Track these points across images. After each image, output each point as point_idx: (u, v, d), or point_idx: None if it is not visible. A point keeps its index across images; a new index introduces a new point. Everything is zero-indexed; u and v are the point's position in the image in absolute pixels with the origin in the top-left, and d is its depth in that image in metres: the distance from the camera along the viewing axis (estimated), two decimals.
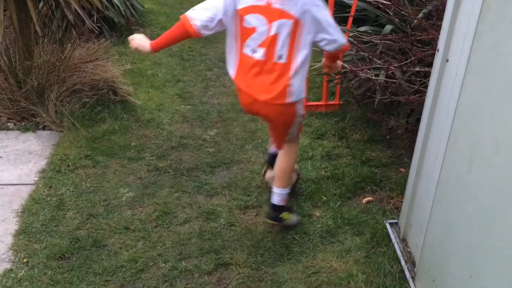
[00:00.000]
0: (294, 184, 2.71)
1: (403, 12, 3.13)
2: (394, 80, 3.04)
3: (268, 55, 2.13)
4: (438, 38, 2.08)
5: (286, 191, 2.49)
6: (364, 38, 3.25)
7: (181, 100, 4.09)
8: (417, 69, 2.90)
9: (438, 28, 2.80)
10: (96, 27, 3.78)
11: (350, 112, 3.79)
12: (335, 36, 2.13)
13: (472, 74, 1.74)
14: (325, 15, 2.10)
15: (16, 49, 3.40)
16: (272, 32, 2.09)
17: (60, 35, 3.66)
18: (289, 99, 2.19)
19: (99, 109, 3.64)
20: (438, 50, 2.03)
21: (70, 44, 3.66)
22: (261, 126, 3.68)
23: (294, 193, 2.76)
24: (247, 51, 2.17)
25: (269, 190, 2.65)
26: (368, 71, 3.13)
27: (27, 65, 3.35)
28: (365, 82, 3.30)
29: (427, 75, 2.92)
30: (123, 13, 4.97)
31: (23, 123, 3.42)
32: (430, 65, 2.75)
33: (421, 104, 2.84)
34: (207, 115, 3.85)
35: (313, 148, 3.36)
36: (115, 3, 4.86)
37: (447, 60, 1.95)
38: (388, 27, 3.36)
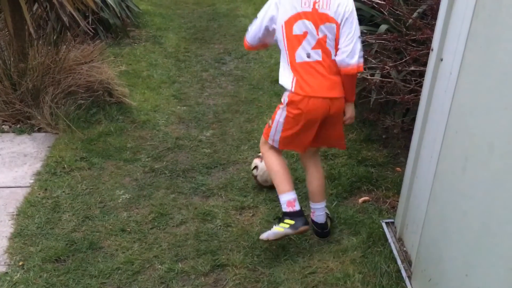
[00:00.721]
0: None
1: (398, 12, 3.13)
2: (389, 80, 3.05)
3: (324, 55, 2.20)
4: (432, 37, 2.08)
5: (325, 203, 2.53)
6: None
7: (177, 101, 4.08)
8: (412, 68, 2.91)
9: (433, 27, 2.81)
10: (91, 29, 3.77)
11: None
12: (357, 48, 2.20)
13: (466, 73, 1.75)
14: (356, 22, 2.21)
15: (11, 51, 3.39)
16: (321, 35, 2.18)
17: (54, 37, 3.65)
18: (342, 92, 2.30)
19: (94, 110, 3.63)
20: (432, 50, 2.03)
21: (65, 46, 3.65)
22: (257, 126, 3.68)
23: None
24: (301, 58, 2.20)
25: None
26: (364, 71, 3.13)
27: (22, 67, 3.34)
28: (360, 82, 3.30)
29: (422, 74, 2.92)
30: (118, 15, 4.96)
31: (18, 126, 3.41)
32: (425, 64, 2.75)
33: (416, 103, 2.84)
34: (203, 116, 3.84)
35: None
36: (110, 4, 4.85)
37: (442, 59, 1.95)
38: (383, 27, 3.36)
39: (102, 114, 3.62)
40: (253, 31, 2.34)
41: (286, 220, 2.34)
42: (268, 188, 2.87)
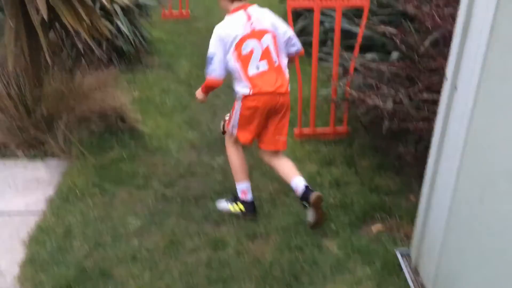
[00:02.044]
0: None
1: (409, 40, 3.15)
2: (401, 108, 3.03)
3: (270, 64, 2.72)
4: (446, 65, 2.08)
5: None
6: (370, 65, 3.25)
7: (189, 127, 4.10)
8: (425, 96, 2.90)
9: (445, 56, 2.81)
10: (105, 56, 3.83)
11: (358, 138, 3.78)
12: (296, 41, 2.84)
13: (482, 103, 1.74)
14: (284, 26, 2.80)
15: (26, 77, 3.44)
16: (266, 43, 2.70)
17: (69, 64, 3.71)
18: (289, 89, 2.80)
19: (107, 137, 3.66)
20: (446, 79, 2.03)
21: (79, 73, 3.70)
22: None
23: None
24: (254, 66, 2.69)
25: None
26: (376, 98, 3.13)
27: (37, 93, 3.39)
28: (372, 109, 3.30)
29: (435, 102, 2.91)
30: (132, 42, 5.04)
31: (32, 152, 3.44)
32: (438, 92, 2.74)
33: (429, 131, 2.82)
34: (214, 142, 3.84)
35: (321, 175, 3.34)
36: (124, 31, 4.93)
37: (456, 89, 1.94)
38: (395, 54, 3.37)
39: (115, 140, 3.64)
40: (217, 68, 2.69)
41: (240, 205, 2.90)
42: None
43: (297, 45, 2.85)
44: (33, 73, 3.41)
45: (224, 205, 2.94)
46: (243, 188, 2.91)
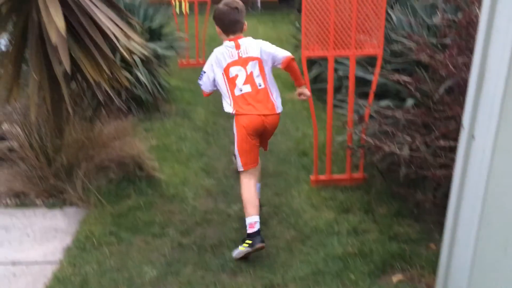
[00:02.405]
0: None
1: (423, 87, 3.18)
2: (418, 154, 3.03)
3: (253, 87, 3.06)
4: (461, 113, 2.08)
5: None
6: (386, 112, 3.27)
7: (205, 174, 4.12)
8: (442, 143, 2.89)
9: (461, 103, 2.82)
10: (124, 105, 3.92)
11: (375, 185, 3.75)
12: (279, 53, 3.14)
13: (500, 151, 1.73)
14: (270, 46, 3.17)
15: (48, 128, 3.53)
16: (251, 69, 3.07)
17: (90, 114, 3.81)
18: (278, 110, 3.14)
19: (125, 185, 3.70)
20: (463, 127, 2.03)
21: (99, 122, 3.79)
22: (285, 200, 3.66)
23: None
24: (240, 89, 3.06)
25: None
26: (392, 145, 3.13)
27: (58, 143, 3.47)
28: (388, 156, 3.29)
29: (452, 149, 2.90)
30: (150, 91, 5.16)
31: (50, 200, 3.48)
32: (455, 139, 2.73)
33: (448, 177, 2.80)
34: (231, 190, 3.85)
35: (338, 223, 3.30)
36: (143, 81, 5.06)
37: (473, 137, 1.94)
38: (410, 102, 3.39)
39: (132, 188, 3.67)
40: (206, 84, 3.20)
41: (247, 241, 2.90)
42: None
43: (282, 54, 3.15)
44: (54, 124, 3.50)
45: (236, 252, 2.94)
46: (251, 222, 2.96)
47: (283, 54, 3.14)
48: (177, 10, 7.49)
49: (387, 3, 3.57)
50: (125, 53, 3.48)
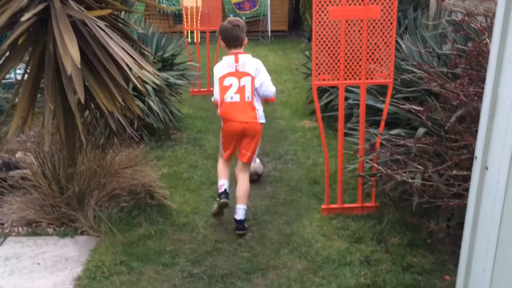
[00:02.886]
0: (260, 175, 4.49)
1: (435, 116, 3.17)
2: (431, 183, 3.00)
3: (241, 98, 3.57)
4: (474, 143, 2.07)
5: (246, 207, 3.69)
6: (397, 141, 3.27)
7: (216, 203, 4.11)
8: (454, 172, 2.87)
9: (472, 133, 2.81)
10: (136, 134, 3.96)
11: (387, 214, 3.71)
12: (269, 89, 3.68)
13: None
14: (265, 75, 3.66)
15: (61, 156, 3.57)
16: (243, 83, 3.56)
17: (102, 142, 3.85)
18: (260, 120, 3.65)
19: (136, 213, 3.70)
20: (476, 158, 2.02)
21: (111, 151, 3.82)
22: (296, 229, 3.63)
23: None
24: (229, 96, 3.58)
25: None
26: (403, 174, 3.11)
27: (70, 172, 3.49)
28: (400, 184, 3.27)
29: (465, 178, 2.88)
30: (162, 119, 5.21)
31: (62, 229, 3.48)
32: (468, 168, 2.71)
33: (461, 207, 2.76)
34: None
35: (350, 253, 3.26)
36: (155, 110, 5.12)
37: (487, 168, 1.93)
38: (421, 130, 3.38)
39: (143, 217, 3.67)
40: (216, 94, 3.72)
41: (217, 199, 3.69)
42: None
43: (268, 91, 3.68)
44: (67, 152, 3.54)
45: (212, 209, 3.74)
46: (220, 184, 3.72)
47: (271, 92, 3.73)
48: (189, 39, 7.63)
49: (396, 33, 3.60)
50: (137, 83, 3.53)
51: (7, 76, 4.75)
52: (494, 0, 3.41)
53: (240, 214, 3.59)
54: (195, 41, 7.61)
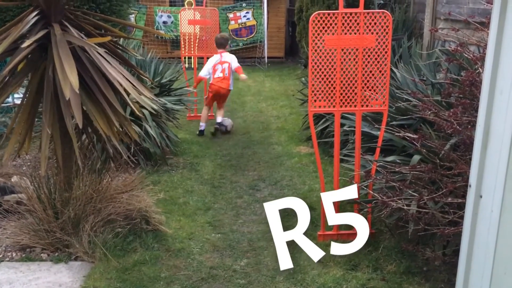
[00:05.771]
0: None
1: (429, 144, 3.20)
2: (426, 210, 3.01)
3: (223, 74, 6.50)
4: (468, 171, 2.10)
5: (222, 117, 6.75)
6: (392, 168, 3.29)
7: (212, 228, 4.10)
8: (449, 200, 2.88)
9: (467, 161, 2.84)
10: (133, 159, 3.97)
11: (383, 241, 3.71)
12: (236, 64, 6.65)
13: (509, 212, 1.73)
14: (235, 61, 6.66)
15: (57, 181, 3.56)
16: (224, 67, 6.53)
17: (99, 166, 3.85)
18: (230, 88, 6.69)
19: (131, 238, 3.68)
20: (470, 186, 2.04)
21: (108, 176, 3.82)
22: (292, 256, 3.61)
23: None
24: (217, 74, 6.51)
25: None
26: (399, 201, 3.13)
27: (66, 196, 3.49)
28: (396, 211, 3.28)
29: (460, 206, 2.89)
30: (159, 144, 5.23)
31: (56, 254, 3.46)
32: (463, 196, 2.73)
33: (457, 234, 2.77)
34: (237, 244, 3.82)
35: (346, 281, 3.25)
36: (152, 134, 5.14)
37: (481, 197, 1.94)
38: (416, 158, 3.42)
39: (138, 242, 3.65)
40: (203, 72, 6.68)
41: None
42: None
43: (236, 66, 6.66)
44: (64, 177, 3.54)
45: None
46: (201, 124, 6.69)
47: (236, 64, 6.66)
48: (187, 64, 7.71)
49: (391, 61, 3.67)
50: (135, 108, 3.56)
51: (5, 99, 4.77)
52: (486, 30, 3.49)
53: (221, 121, 6.66)
54: (192, 66, 7.70)
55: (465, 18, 3.81)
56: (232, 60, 6.60)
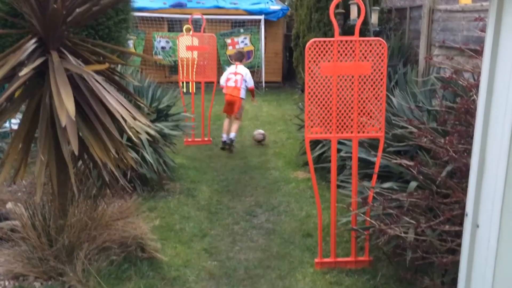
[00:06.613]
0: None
1: (426, 171, 3.20)
2: (424, 238, 2.99)
3: (236, 84, 7.21)
4: (465, 199, 2.08)
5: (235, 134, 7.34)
6: (389, 196, 3.28)
7: (208, 255, 4.06)
8: (447, 228, 2.86)
9: (463, 189, 2.83)
10: (129, 186, 3.95)
11: (381, 269, 3.67)
12: (250, 83, 7.44)
13: (506, 242, 1.71)
14: (249, 76, 7.43)
15: (52, 207, 3.53)
16: (237, 78, 7.26)
17: (94, 193, 3.82)
18: (241, 96, 7.25)
19: (126, 266, 3.62)
20: (467, 215, 2.03)
21: (103, 203, 3.79)
22: (289, 284, 3.57)
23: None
24: (230, 84, 7.24)
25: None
26: (396, 228, 3.10)
27: (61, 223, 3.45)
28: (394, 239, 3.25)
29: (458, 233, 2.87)
30: (156, 169, 5.21)
31: (49, 283, 3.40)
32: (461, 224, 2.71)
33: (455, 263, 2.74)
34: (234, 272, 3.77)
35: None
36: (149, 160, 5.13)
37: (478, 226, 1.93)
38: (413, 184, 3.41)
39: (133, 270, 3.60)
40: (222, 79, 7.47)
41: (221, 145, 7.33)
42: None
43: (249, 84, 7.39)
44: (59, 204, 3.51)
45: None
46: (223, 135, 7.24)
47: (251, 84, 7.42)
48: (184, 89, 7.76)
49: (387, 87, 3.69)
50: (132, 135, 3.56)
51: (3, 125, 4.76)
52: (480, 58, 3.53)
53: (232, 135, 7.18)
54: (190, 91, 7.74)
55: (460, 46, 3.85)
56: (245, 73, 7.31)
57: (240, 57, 7.76)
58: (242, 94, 7.18)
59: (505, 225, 1.72)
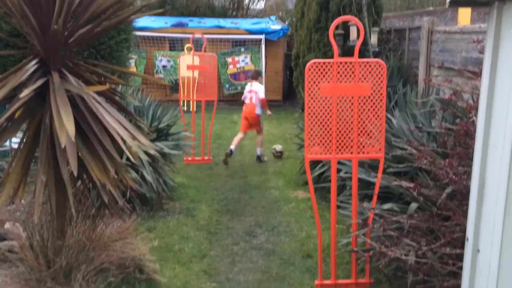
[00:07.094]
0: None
1: (426, 192, 3.19)
2: (425, 261, 2.96)
3: (251, 101, 7.71)
4: (465, 222, 2.07)
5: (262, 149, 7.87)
6: (389, 217, 3.26)
7: (207, 277, 4.02)
8: (448, 250, 2.84)
9: (464, 211, 2.82)
10: (129, 206, 3.93)
11: None
12: (261, 95, 7.72)
13: (506, 268, 1.69)
14: (262, 91, 7.79)
15: (51, 228, 3.51)
16: (252, 95, 7.72)
17: (93, 213, 3.80)
18: (257, 112, 7.71)
19: None
20: (467, 239, 2.01)
21: (102, 223, 3.77)
22: None
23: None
24: (246, 101, 7.79)
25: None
26: (397, 251, 3.08)
27: (59, 244, 3.43)
28: (394, 261, 3.22)
29: (459, 256, 2.84)
30: (155, 189, 5.19)
31: None
32: (462, 247, 2.69)
33: (456, 286, 2.71)
34: None
35: None
36: (148, 180, 5.12)
37: (478, 251, 1.91)
38: (413, 206, 3.39)
39: None
40: (243, 97, 7.99)
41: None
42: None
43: (262, 96, 7.69)
44: (57, 224, 3.49)
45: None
46: (231, 147, 7.51)
47: (262, 96, 7.68)
48: (185, 108, 7.79)
49: (386, 108, 3.70)
50: (131, 156, 3.55)
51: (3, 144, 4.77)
52: (479, 79, 3.54)
53: (258, 151, 7.83)
54: (191, 109, 7.77)
55: (459, 68, 3.88)
56: (259, 90, 7.69)
57: (256, 75, 7.99)
58: (258, 110, 7.64)
59: (505, 251, 1.71)
